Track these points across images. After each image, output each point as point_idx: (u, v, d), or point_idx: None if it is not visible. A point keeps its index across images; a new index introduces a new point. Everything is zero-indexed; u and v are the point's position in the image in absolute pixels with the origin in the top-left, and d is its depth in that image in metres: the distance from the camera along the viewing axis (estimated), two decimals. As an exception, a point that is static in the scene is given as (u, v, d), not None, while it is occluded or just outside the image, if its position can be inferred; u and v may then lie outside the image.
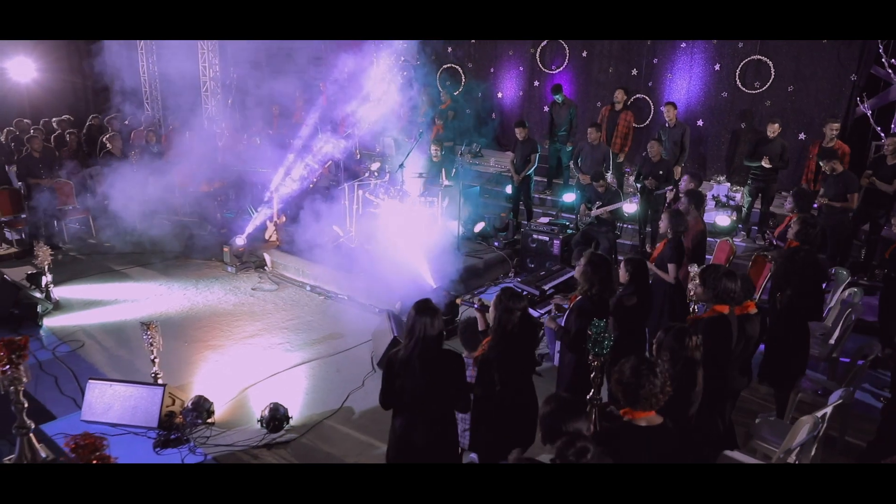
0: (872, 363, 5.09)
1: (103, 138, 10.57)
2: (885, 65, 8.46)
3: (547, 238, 8.32)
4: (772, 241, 6.60)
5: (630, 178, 9.86)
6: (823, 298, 5.53)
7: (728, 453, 3.97)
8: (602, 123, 9.74)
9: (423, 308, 3.34)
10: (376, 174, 8.98)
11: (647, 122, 10.73)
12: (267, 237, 9.14)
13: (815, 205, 6.97)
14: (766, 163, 8.02)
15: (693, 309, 5.10)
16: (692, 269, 5.10)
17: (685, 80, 10.32)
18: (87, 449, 2.85)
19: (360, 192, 8.76)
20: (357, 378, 5.81)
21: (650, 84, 10.67)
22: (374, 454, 4.69)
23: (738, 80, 9.78)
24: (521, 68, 12.18)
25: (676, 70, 10.37)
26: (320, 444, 4.87)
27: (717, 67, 9.99)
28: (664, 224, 5.49)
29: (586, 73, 11.37)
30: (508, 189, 10.21)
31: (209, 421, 5.07)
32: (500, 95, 12.56)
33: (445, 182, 9.01)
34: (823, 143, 7.85)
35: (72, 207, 9.81)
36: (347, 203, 8.73)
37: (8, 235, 9.35)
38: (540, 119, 11.76)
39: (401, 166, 8.50)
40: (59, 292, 7.52)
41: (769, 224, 8.43)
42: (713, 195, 9.53)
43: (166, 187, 9.90)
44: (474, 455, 4.00)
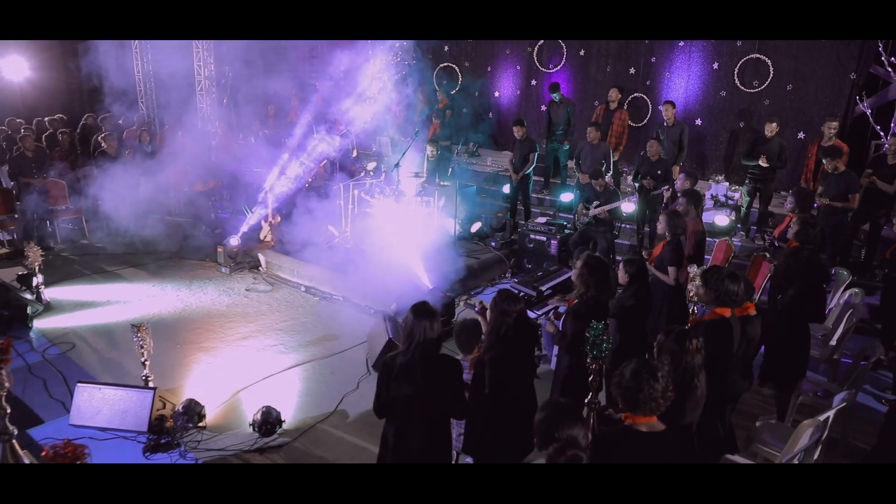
0: (874, 365, 5.02)
1: (98, 137, 10.46)
2: (885, 63, 8.42)
3: (544, 238, 8.24)
4: (772, 241, 6.53)
5: (628, 178, 9.79)
6: (825, 300, 5.46)
7: (728, 457, 3.91)
8: (597, 122, 9.67)
9: (422, 311, 3.26)
10: (372, 173, 8.90)
11: (645, 122, 10.66)
12: (261, 237, 9.04)
13: (815, 205, 6.90)
14: (764, 162, 7.95)
15: (692, 310, 5.03)
16: (692, 270, 5.03)
17: (683, 79, 10.25)
18: (67, 459, 2.74)
19: (356, 192, 8.68)
20: (352, 380, 5.73)
21: (648, 83, 10.61)
22: (368, 458, 4.61)
23: (737, 79, 9.72)
24: (519, 67, 12.11)
25: (675, 69, 10.31)
26: (313, 449, 4.79)
27: (716, 66, 9.92)
28: (662, 226, 5.43)
29: (584, 72, 11.31)
30: (506, 188, 10.12)
31: (200, 425, 4.98)
32: (497, 94, 12.49)
33: (442, 182, 8.93)
34: (822, 142, 7.78)
35: (64, 208, 9.71)
36: (343, 203, 8.65)
37: (-1, 236, 9.25)
38: (537, 118, 11.69)
39: (397, 165, 8.43)
40: (51, 293, 7.42)
41: (768, 223, 8.36)
42: (712, 195, 9.48)
43: (160, 187, 9.83)
44: (469, 459, 3.94)
